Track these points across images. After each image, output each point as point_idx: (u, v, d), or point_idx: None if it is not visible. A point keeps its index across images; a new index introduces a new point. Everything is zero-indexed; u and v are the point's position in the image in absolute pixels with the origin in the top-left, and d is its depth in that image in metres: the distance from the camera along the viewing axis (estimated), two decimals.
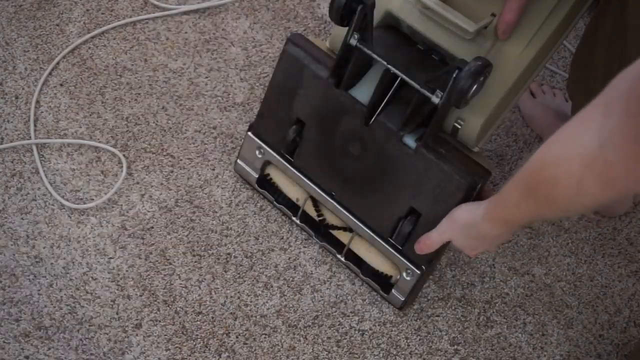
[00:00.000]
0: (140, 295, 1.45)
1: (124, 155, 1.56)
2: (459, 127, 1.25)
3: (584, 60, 1.38)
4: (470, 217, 1.16)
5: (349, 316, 1.46)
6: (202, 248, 1.50)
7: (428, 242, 1.27)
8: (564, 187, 0.82)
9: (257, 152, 1.47)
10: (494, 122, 1.27)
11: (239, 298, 1.46)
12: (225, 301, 1.46)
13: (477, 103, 1.21)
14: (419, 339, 1.46)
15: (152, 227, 1.51)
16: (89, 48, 1.68)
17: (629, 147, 0.70)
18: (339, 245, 1.47)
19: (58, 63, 1.66)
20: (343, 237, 1.46)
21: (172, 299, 1.45)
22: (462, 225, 1.19)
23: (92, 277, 1.46)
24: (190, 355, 1.41)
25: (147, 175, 1.55)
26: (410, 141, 1.26)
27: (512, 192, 0.98)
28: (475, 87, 1.14)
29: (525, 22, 1.21)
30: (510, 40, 1.22)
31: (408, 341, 1.46)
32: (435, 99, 1.18)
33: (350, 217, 1.40)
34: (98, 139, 1.58)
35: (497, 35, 1.21)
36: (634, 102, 0.68)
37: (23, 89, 1.62)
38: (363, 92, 1.29)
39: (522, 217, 0.99)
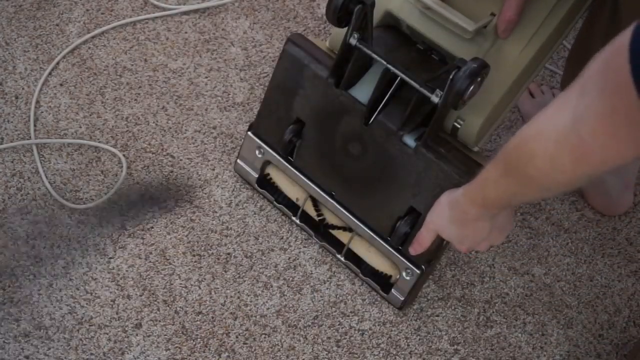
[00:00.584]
0: (140, 295, 1.45)
1: (124, 155, 1.56)
2: (459, 126, 1.25)
3: (578, 58, 1.38)
4: (453, 196, 1.17)
5: (348, 316, 1.46)
6: (202, 248, 1.50)
7: (419, 240, 1.27)
8: (540, 162, 0.84)
9: (257, 152, 1.47)
10: (493, 121, 1.27)
11: (238, 298, 1.46)
12: (225, 301, 1.46)
13: (476, 103, 1.21)
14: (419, 339, 1.46)
15: (152, 227, 1.51)
16: (89, 48, 1.68)
17: (602, 122, 0.72)
18: (338, 245, 1.47)
19: (58, 63, 1.66)
20: (343, 237, 1.46)
21: (172, 299, 1.45)
22: (446, 205, 1.19)
23: (92, 277, 1.46)
24: (190, 355, 1.41)
25: (147, 175, 1.55)
26: (410, 141, 1.26)
27: (492, 170, 1.00)
28: (472, 88, 1.14)
29: (525, 21, 1.22)
30: (509, 39, 1.22)
31: (408, 341, 1.46)
32: (435, 99, 1.19)
33: (350, 216, 1.40)
34: (98, 139, 1.58)
35: (497, 34, 1.21)
36: (609, 77, 0.69)
37: (23, 89, 1.62)
38: (363, 91, 1.29)
39: (499, 195, 1.01)
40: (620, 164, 0.75)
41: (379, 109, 1.27)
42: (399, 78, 1.23)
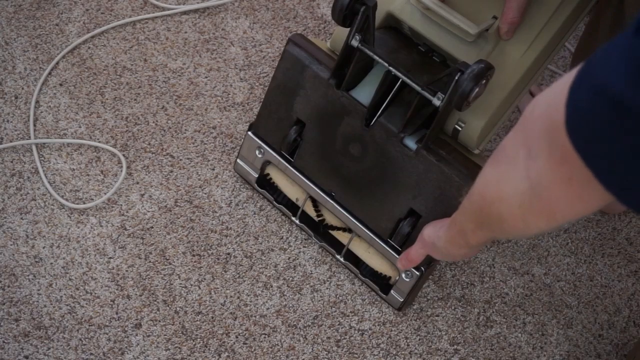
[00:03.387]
0: (140, 295, 1.45)
1: (123, 155, 1.56)
2: (460, 129, 1.25)
3: (585, 55, 1.38)
4: (435, 239, 1.18)
5: (348, 316, 1.47)
6: (202, 248, 1.50)
7: (410, 257, 1.27)
8: (511, 223, 0.84)
9: (257, 151, 1.47)
10: (495, 124, 1.27)
11: (238, 298, 1.46)
12: (225, 301, 1.46)
13: (478, 105, 1.21)
14: (419, 339, 1.46)
15: (152, 227, 1.51)
16: (89, 48, 1.68)
17: (560, 188, 0.71)
18: (338, 246, 1.47)
19: (57, 63, 1.65)
20: (342, 237, 1.46)
21: (171, 299, 1.45)
22: (431, 244, 1.20)
23: (91, 277, 1.46)
24: (190, 355, 1.41)
25: (146, 175, 1.55)
26: (410, 143, 1.26)
27: (466, 222, 0.99)
28: (477, 90, 1.14)
29: (527, 24, 1.22)
30: (511, 42, 1.22)
31: (408, 341, 1.46)
32: (436, 101, 1.18)
33: (350, 217, 1.40)
34: (98, 139, 1.58)
35: (499, 36, 1.21)
36: (553, 148, 0.69)
37: (22, 88, 1.62)
38: (364, 93, 1.29)
39: (481, 240, 1.01)
40: (591, 213, 0.75)
41: (380, 110, 1.27)
42: (400, 80, 1.23)
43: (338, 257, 1.47)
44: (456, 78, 1.14)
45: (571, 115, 0.64)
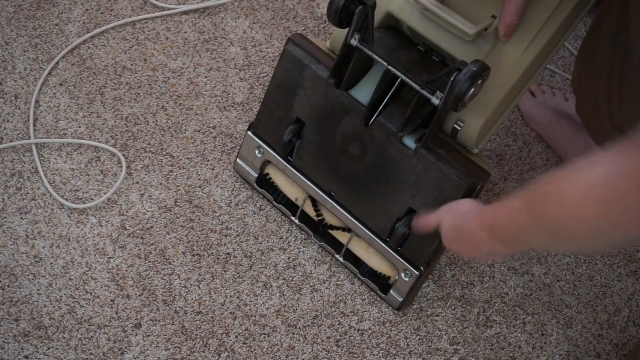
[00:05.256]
0: (140, 295, 1.45)
1: (123, 155, 1.56)
2: (459, 129, 1.25)
3: (588, 55, 1.38)
4: (469, 209, 1.12)
5: (348, 316, 1.46)
6: (202, 248, 1.50)
7: (425, 221, 1.21)
8: (564, 201, 0.82)
9: (256, 151, 1.47)
10: (494, 124, 1.27)
11: (238, 298, 1.46)
12: (225, 301, 1.46)
13: (477, 105, 1.21)
14: (419, 339, 1.46)
15: (152, 227, 1.51)
16: (89, 48, 1.68)
17: (633, 183, 0.72)
18: (337, 246, 1.47)
19: (58, 63, 1.66)
20: (342, 237, 1.46)
21: (171, 299, 1.45)
22: (460, 212, 1.13)
23: (91, 277, 1.46)
24: (189, 355, 1.41)
25: (146, 175, 1.55)
26: (410, 142, 1.26)
27: (512, 200, 0.96)
28: (472, 90, 1.14)
29: (526, 24, 1.22)
30: (510, 42, 1.22)
31: (408, 341, 1.46)
32: (436, 101, 1.18)
33: (349, 217, 1.40)
34: (98, 139, 1.58)
35: (498, 37, 1.21)
36: None
37: (23, 88, 1.62)
38: (363, 92, 1.29)
39: (509, 228, 0.98)
40: (635, 234, 0.75)
41: (379, 110, 1.27)
42: (400, 79, 1.23)
43: (338, 257, 1.47)
44: (452, 79, 1.14)
45: None
